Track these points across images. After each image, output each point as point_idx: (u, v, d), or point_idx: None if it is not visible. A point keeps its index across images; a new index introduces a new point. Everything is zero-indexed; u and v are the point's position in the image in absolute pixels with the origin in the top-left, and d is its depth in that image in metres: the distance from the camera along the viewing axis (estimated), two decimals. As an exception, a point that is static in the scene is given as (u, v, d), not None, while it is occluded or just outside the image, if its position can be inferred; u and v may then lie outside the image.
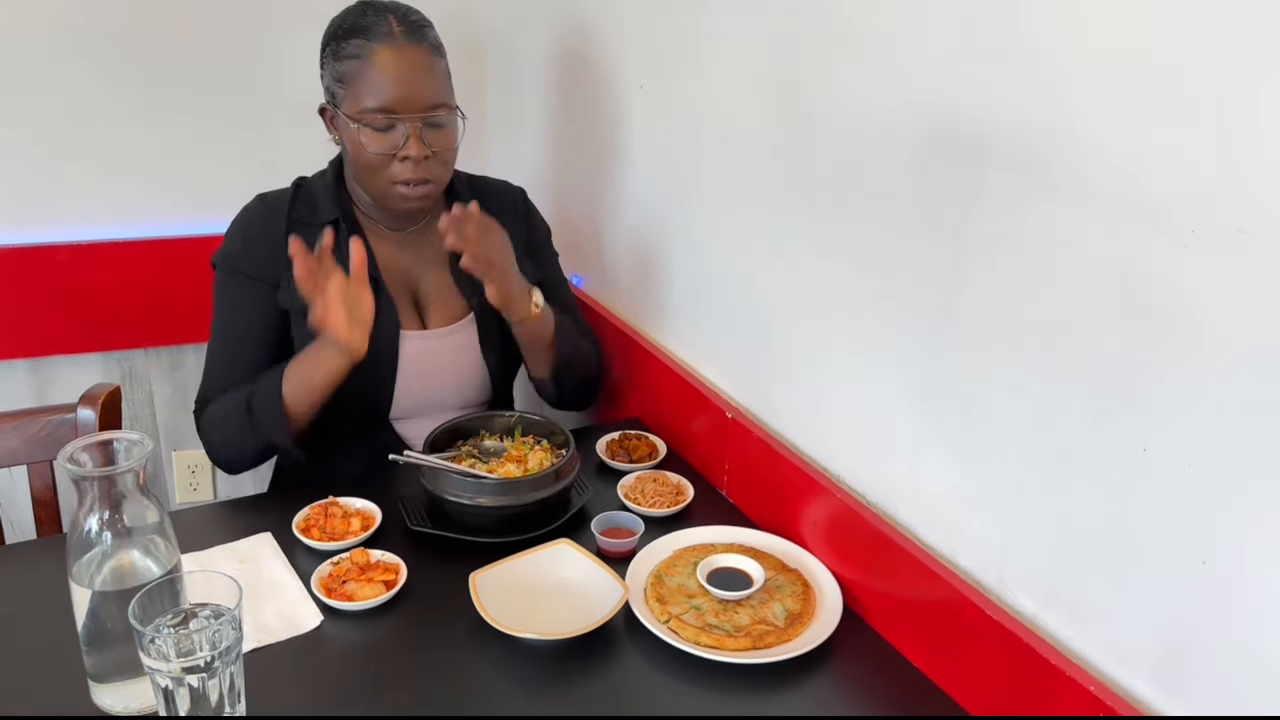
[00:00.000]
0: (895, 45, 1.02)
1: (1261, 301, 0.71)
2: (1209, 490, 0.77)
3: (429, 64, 1.32)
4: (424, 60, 1.31)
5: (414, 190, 1.33)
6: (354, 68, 1.30)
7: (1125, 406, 0.82)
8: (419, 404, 1.44)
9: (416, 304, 1.45)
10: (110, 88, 1.81)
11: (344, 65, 1.31)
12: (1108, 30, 0.80)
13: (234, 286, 1.38)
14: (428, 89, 1.31)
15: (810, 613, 1.10)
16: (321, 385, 1.28)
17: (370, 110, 1.29)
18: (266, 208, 1.40)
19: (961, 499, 1.01)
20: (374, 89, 1.29)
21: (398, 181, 1.32)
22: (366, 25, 1.30)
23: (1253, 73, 0.70)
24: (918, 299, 1.03)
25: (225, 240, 1.39)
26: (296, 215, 1.38)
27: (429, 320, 1.45)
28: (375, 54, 1.29)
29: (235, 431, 1.32)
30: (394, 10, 1.33)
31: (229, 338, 1.39)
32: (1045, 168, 0.86)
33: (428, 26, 1.35)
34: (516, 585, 1.11)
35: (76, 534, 0.90)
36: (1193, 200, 0.75)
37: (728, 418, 1.34)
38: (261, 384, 1.31)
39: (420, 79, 1.30)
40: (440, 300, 1.46)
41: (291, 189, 1.42)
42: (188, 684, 0.82)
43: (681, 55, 1.41)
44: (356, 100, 1.30)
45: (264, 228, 1.37)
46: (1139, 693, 0.84)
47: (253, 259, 1.36)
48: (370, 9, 1.33)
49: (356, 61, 1.29)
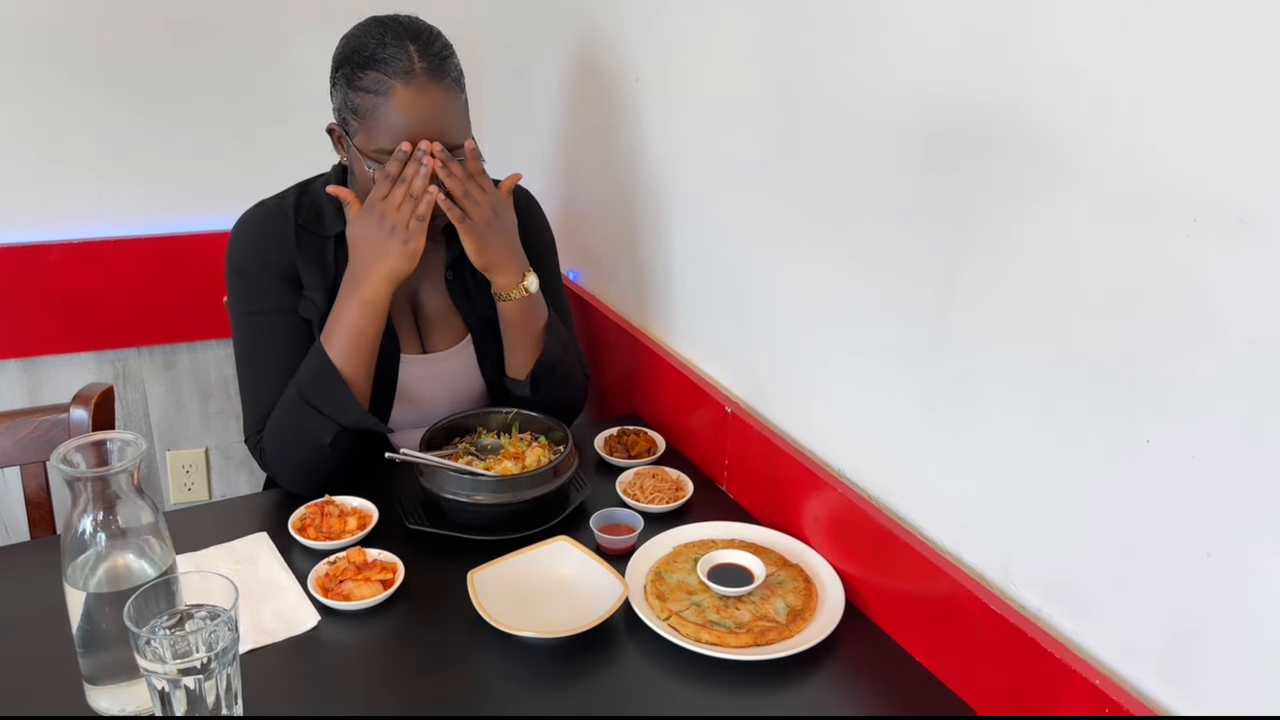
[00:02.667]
0: (895, 37, 1.01)
1: (1265, 291, 0.71)
2: (1212, 482, 0.76)
3: (448, 105, 1.24)
4: (444, 102, 1.24)
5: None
6: (370, 103, 1.22)
7: (1128, 398, 0.82)
8: (414, 423, 1.39)
9: (417, 326, 1.42)
10: (101, 86, 1.80)
11: (359, 98, 1.23)
12: (1108, 20, 0.79)
13: (252, 288, 1.31)
14: (446, 133, 1.24)
15: (812, 608, 1.09)
16: (371, 329, 1.24)
17: (386, 153, 1.23)
18: (270, 210, 1.35)
19: (964, 493, 1.01)
20: (391, 131, 1.22)
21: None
22: (385, 58, 1.21)
23: (1254, 61, 0.69)
24: (919, 291, 1.03)
25: (232, 252, 1.33)
26: (303, 220, 1.34)
27: (429, 343, 1.42)
28: (394, 93, 1.21)
29: (299, 433, 1.24)
30: (414, 38, 1.23)
31: (260, 353, 1.32)
32: (1046, 158, 0.86)
33: (450, 57, 1.26)
34: (515, 583, 1.10)
35: (70, 535, 0.89)
36: (1195, 190, 0.74)
37: (727, 412, 1.34)
38: (304, 370, 1.25)
39: (439, 123, 1.23)
40: (440, 322, 1.42)
41: (294, 193, 1.37)
42: (184, 686, 0.81)
43: (679, 49, 1.41)
44: (370, 138, 1.24)
45: (273, 227, 1.32)
46: (1144, 686, 0.84)
47: (266, 257, 1.31)
48: (390, 35, 1.23)
49: (373, 97, 1.22)
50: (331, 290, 1.30)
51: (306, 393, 1.24)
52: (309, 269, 1.32)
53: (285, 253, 1.31)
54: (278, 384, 1.28)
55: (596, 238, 1.72)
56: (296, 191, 1.37)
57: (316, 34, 1.37)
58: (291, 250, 1.31)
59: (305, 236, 1.33)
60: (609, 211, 1.68)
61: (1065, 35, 0.83)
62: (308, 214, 1.35)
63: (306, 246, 1.33)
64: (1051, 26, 0.84)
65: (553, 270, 1.53)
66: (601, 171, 1.68)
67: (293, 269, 1.32)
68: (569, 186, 1.81)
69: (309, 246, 1.33)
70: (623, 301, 1.68)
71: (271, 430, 1.27)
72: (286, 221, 1.33)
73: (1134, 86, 0.78)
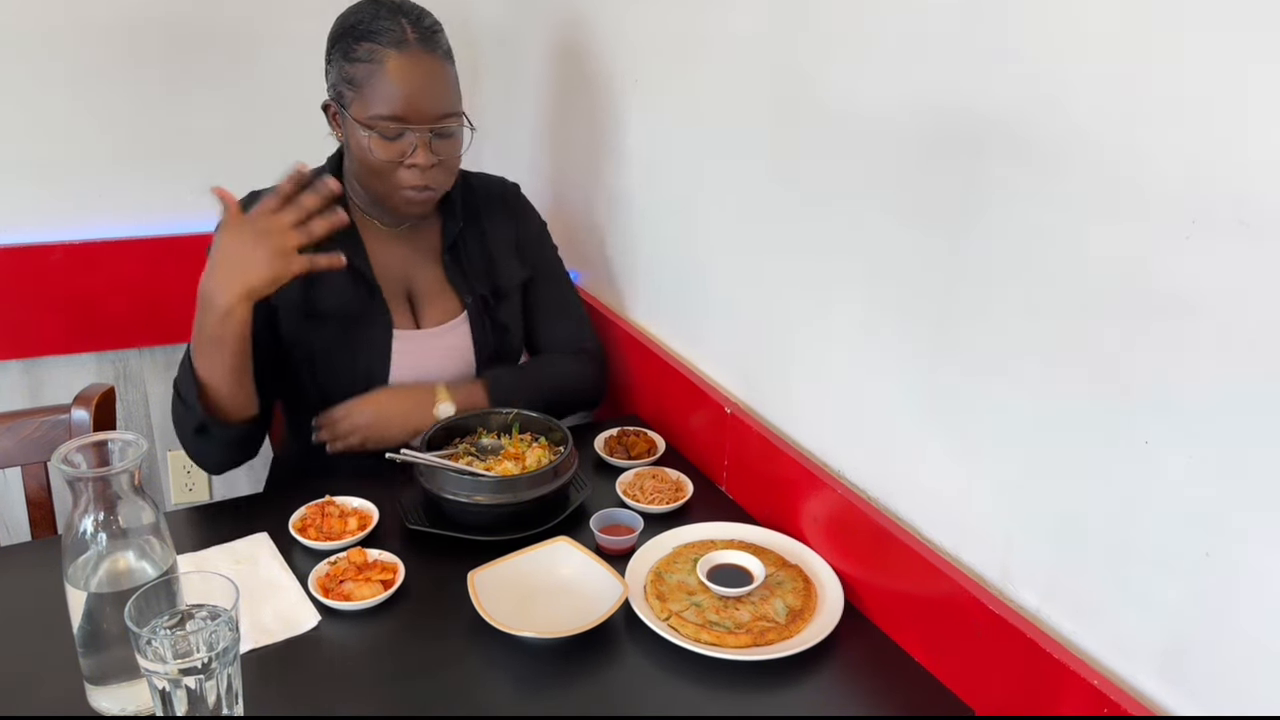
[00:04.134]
0: (893, 39, 1.01)
1: (1263, 292, 0.71)
2: (1211, 482, 0.77)
3: (441, 73, 1.31)
4: (436, 69, 1.30)
5: (419, 195, 1.33)
6: (365, 72, 1.28)
7: (1126, 399, 0.82)
8: None
9: (410, 302, 1.45)
10: (101, 87, 1.80)
11: (354, 68, 1.29)
12: (1106, 23, 0.79)
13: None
14: (439, 99, 1.30)
15: (811, 609, 1.09)
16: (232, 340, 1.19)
17: (380, 118, 1.28)
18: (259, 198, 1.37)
19: (963, 493, 1.01)
20: (385, 97, 1.27)
21: (403, 187, 1.32)
22: (379, 29, 1.28)
23: (1251, 63, 0.70)
24: (918, 292, 1.03)
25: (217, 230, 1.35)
26: None
27: (422, 319, 1.45)
28: (387, 60, 1.27)
29: (178, 418, 1.29)
30: (407, 14, 1.31)
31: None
32: (1044, 161, 0.86)
33: (440, 32, 1.33)
34: (515, 583, 1.10)
35: (71, 535, 0.89)
36: (1193, 192, 0.74)
37: (726, 413, 1.34)
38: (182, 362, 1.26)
39: (432, 89, 1.29)
40: (434, 298, 1.45)
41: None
42: (185, 686, 0.82)
43: (677, 49, 1.41)
44: (366, 105, 1.28)
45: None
46: (1143, 687, 0.84)
47: None
48: (383, 10, 1.30)
49: (367, 66, 1.28)
50: (307, 278, 1.24)
51: (179, 384, 1.27)
52: None
53: None
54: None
55: (595, 239, 1.72)
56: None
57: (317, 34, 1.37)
58: None
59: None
60: (607, 212, 1.68)
61: (1063, 38, 0.83)
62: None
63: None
64: (1049, 29, 0.84)
65: (550, 256, 1.56)
66: (599, 172, 1.68)
67: None
68: (567, 187, 1.81)
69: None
70: (621, 302, 1.68)
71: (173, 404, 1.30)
72: None
73: (1132, 88, 0.78)
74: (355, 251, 1.38)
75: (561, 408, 1.46)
